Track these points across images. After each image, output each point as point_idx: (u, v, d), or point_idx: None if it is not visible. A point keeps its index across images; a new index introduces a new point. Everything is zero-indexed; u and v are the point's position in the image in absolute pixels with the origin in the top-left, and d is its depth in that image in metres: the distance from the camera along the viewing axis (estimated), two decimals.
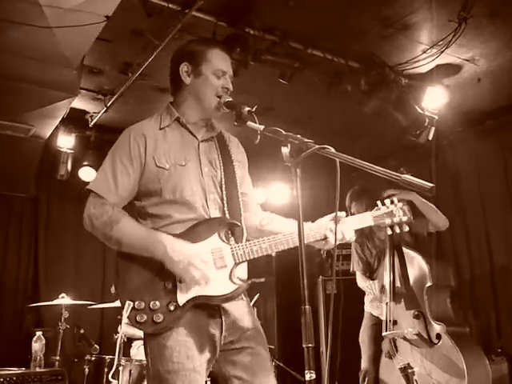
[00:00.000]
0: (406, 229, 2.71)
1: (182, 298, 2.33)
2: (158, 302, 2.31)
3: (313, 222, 2.56)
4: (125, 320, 2.29)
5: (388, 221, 2.68)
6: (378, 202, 2.73)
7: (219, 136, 2.70)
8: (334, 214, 2.50)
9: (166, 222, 2.44)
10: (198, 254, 2.32)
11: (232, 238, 2.49)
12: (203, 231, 2.42)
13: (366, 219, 2.67)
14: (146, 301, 2.31)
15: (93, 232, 2.43)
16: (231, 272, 2.40)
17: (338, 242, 2.47)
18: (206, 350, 2.37)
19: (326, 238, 2.52)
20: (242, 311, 2.52)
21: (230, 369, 2.44)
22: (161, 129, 2.57)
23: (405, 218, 2.70)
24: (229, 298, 2.40)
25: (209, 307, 2.41)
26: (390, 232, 2.69)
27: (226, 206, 2.53)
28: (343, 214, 2.56)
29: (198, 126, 2.62)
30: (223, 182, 2.56)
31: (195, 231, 2.41)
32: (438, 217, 4.61)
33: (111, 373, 4.44)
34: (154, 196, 2.47)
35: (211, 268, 2.36)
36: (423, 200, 4.52)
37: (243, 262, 2.44)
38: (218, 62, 2.58)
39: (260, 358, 2.48)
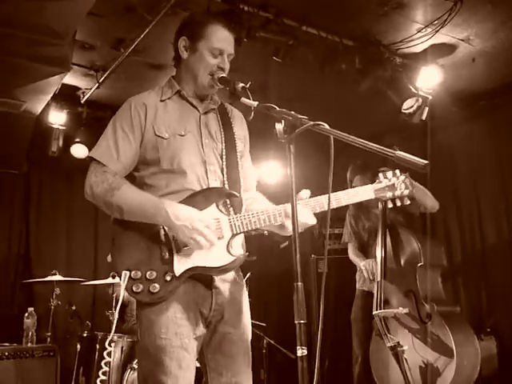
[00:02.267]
0: (408, 202, 2.65)
1: (179, 268, 2.33)
2: (154, 272, 2.31)
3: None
4: (123, 289, 2.29)
5: (389, 194, 2.64)
6: (380, 175, 2.67)
7: (221, 108, 2.70)
8: (299, 198, 2.47)
9: (163, 192, 2.44)
10: (200, 218, 2.30)
11: (231, 209, 2.49)
12: (201, 201, 2.41)
13: (367, 192, 2.62)
14: (143, 270, 2.31)
15: (94, 201, 2.42)
16: (228, 243, 2.40)
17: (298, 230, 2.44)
18: (195, 327, 2.39)
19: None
20: (233, 292, 2.53)
21: (208, 353, 2.47)
22: (162, 101, 2.57)
23: (406, 192, 2.65)
24: (226, 269, 2.41)
25: (202, 283, 2.41)
26: (380, 207, 2.61)
27: (225, 177, 2.54)
28: (307, 192, 2.50)
29: (197, 99, 2.63)
30: (224, 154, 2.57)
31: (192, 201, 2.40)
32: (428, 199, 4.64)
33: (106, 351, 4.51)
34: (151, 165, 2.48)
35: (213, 229, 2.34)
36: (414, 182, 4.54)
37: (241, 233, 2.44)
38: (216, 40, 2.55)
39: (240, 346, 2.50)
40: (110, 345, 4.88)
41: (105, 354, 4.39)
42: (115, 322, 2.51)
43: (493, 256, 6.20)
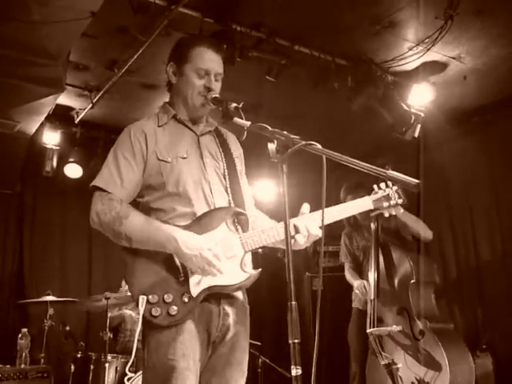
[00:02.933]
0: (401, 211, 2.81)
1: (196, 288, 2.34)
2: (171, 295, 2.31)
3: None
4: (139, 313, 2.29)
5: (385, 204, 2.80)
6: (375, 186, 2.83)
7: (217, 131, 2.73)
8: (302, 213, 2.54)
9: (170, 216, 2.45)
10: (209, 247, 2.31)
11: (239, 227, 2.51)
12: (210, 222, 2.43)
13: (366, 203, 2.77)
14: (160, 294, 2.30)
15: (101, 229, 2.41)
16: (241, 261, 2.43)
17: (306, 241, 2.47)
18: (201, 349, 2.39)
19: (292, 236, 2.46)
20: (239, 314, 2.54)
21: (204, 373, 2.45)
22: (159, 126, 2.59)
23: (400, 201, 2.83)
24: (241, 286, 2.44)
25: (211, 304, 2.42)
26: (373, 227, 2.72)
27: (230, 195, 2.56)
28: (308, 206, 2.55)
29: (193, 122, 2.65)
30: (226, 173, 2.60)
31: (202, 222, 2.42)
32: (420, 228, 4.69)
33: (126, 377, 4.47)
34: (156, 190, 2.48)
35: (222, 258, 2.35)
36: (406, 212, 4.61)
37: (252, 250, 2.46)
38: (201, 61, 2.57)
39: (236, 369, 2.50)
40: (130, 370, 4.85)
41: (125, 379, 4.33)
42: (135, 344, 2.49)
43: (487, 272, 6.20)
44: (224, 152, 2.66)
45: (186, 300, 2.31)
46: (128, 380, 4.68)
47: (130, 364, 4.18)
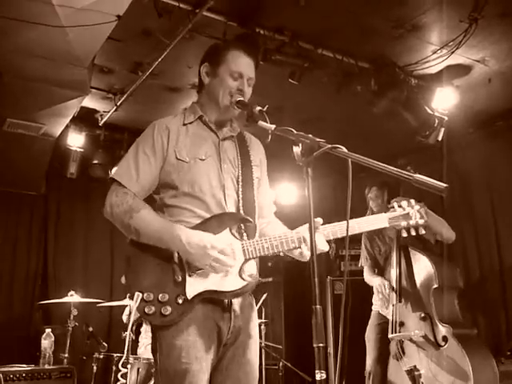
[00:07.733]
0: (422, 232, 2.62)
1: (191, 291, 2.33)
2: (166, 295, 2.31)
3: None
4: (126, 313, 2.29)
5: (404, 223, 2.62)
6: (394, 204, 2.66)
7: (240, 136, 2.72)
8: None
9: (183, 215, 2.46)
10: (213, 245, 2.31)
11: (245, 234, 2.48)
12: (215, 225, 2.42)
13: (381, 220, 2.62)
14: (155, 293, 2.32)
15: (112, 220, 2.45)
16: (241, 268, 2.40)
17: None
18: (213, 351, 2.38)
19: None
20: (248, 316, 2.53)
21: (218, 375, 2.44)
22: (184, 125, 2.60)
23: (421, 221, 2.63)
24: (238, 294, 2.40)
25: (221, 306, 2.41)
26: (394, 230, 2.59)
27: (241, 202, 2.55)
28: (320, 220, 2.47)
29: (218, 125, 2.66)
30: (240, 181, 2.58)
31: (207, 225, 2.41)
32: (444, 230, 4.63)
33: (120, 373, 4.50)
34: (172, 189, 2.50)
35: (228, 254, 2.34)
36: (430, 212, 4.55)
37: (253, 258, 2.44)
38: (236, 64, 2.60)
39: (249, 368, 2.49)
40: (124, 366, 4.87)
41: (119, 375, 4.36)
42: (127, 342, 2.48)
43: (511, 276, 6.14)
44: (242, 159, 2.65)
45: (180, 302, 2.32)
46: (122, 376, 4.69)
47: (122, 360, 4.17)
